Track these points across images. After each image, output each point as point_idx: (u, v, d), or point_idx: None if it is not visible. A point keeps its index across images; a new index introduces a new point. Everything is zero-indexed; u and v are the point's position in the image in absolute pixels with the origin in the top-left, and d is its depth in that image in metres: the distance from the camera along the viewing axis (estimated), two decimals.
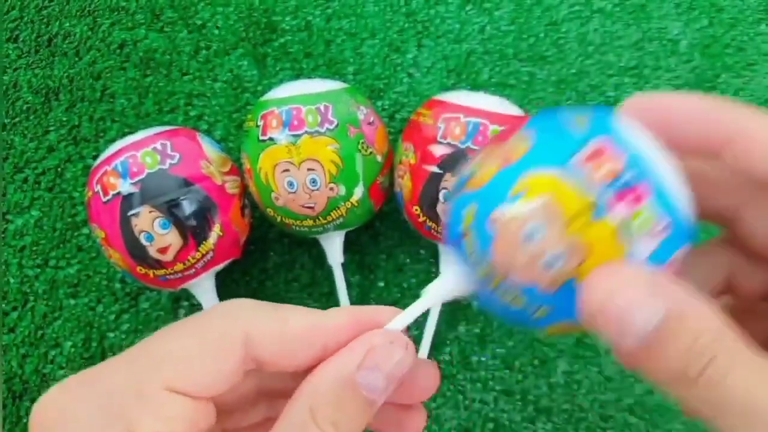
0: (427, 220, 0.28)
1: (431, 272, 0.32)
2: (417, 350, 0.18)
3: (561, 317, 0.14)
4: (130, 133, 0.28)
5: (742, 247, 0.16)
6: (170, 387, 0.14)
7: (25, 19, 0.36)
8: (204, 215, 0.26)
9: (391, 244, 0.33)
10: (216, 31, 0.35)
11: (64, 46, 0.35)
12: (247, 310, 0.16)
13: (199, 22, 0.36)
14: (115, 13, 0.36)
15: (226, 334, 0.15)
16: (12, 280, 0.33)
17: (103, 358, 0.32)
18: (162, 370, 0.14)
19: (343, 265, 0.30)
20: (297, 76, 0.35)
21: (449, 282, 0.16)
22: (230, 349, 0.15)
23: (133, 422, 0.13)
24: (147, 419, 0.13)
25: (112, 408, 0.14)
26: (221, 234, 0.27)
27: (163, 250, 0.26)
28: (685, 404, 0.12)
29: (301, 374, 0.15)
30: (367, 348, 0.15)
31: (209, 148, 0.28)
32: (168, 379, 0.14)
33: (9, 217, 0.33)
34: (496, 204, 0.14)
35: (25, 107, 0.35)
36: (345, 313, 0.16)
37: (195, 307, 0.31)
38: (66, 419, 0.14)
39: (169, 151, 0.26)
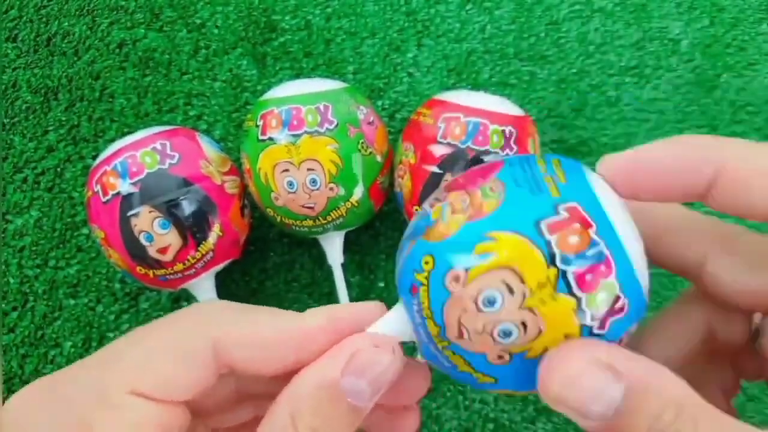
0: None
1: None
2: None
3: (508, 387, 0.14)
4: (130, 132, 0.28)
5: (713, 299, 0.16)
6: (135, 391, 0.13)
7: (24, 18, 0.36)
8: (203, 215, 0.26)
9: (391, 244, 0.33)
10: (215, 31, 0.35)
11: (63, 45, 0.35)
12: (216, 314, 0.15)
13: (198, 22, 0.35)
14: (114, 12, 0.36)
15: (194, 339, 0.14)
16: (12, 281, 0.33)
17: None
18: (126, 373, 0.14)
19: (343, 265, 0.30)
20: (297, 76, 0.35)
21: (395, 322, 0.15)
22: (198, 354, 0.14)
23: (95, 428, 0.13)
24: (110, 425, 0.13)
25: (73, 414, 0.13)
26: (221, 234, 0.27)
27: (162, 251, 0.26)
28: None
29: (283, 378, 0.15)
30: (351, 352, 0.14)
31: (209, 148, 0.28)
32: (132, 382, 0.13)
33: (8, 217, 0.33)
34: (458, 261, 0.13)
35: (24, 107, 0.35)
36: (322, 315, 0.15)
37: None
38: (25, 428, 0.13)
39: (168, 151, 0.26)
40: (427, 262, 0.13)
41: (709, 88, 0.34)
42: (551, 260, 0.12)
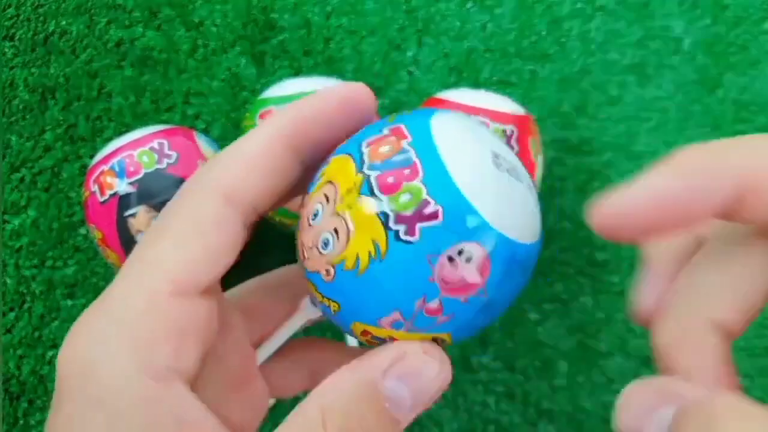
0: None
1: None
2: None
3: (348, 316, 0.14)
4: (127, 132, 0.28)
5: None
6: (177, 291, 0.12)
7: (22, 17, 0.35)
8: None
9: None
10: (214, 29, 0.35)
11: (61, 44, 0.35)
12: (212, 168, 0.14)
13: (196, 20, 0.35)
14: (112, 11, 0.35)
15: (206, 210, 0.13)
16: (9, 281, 0.32)
17: None
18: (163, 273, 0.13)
19: None
20: (296, 74, 0.35)
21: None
22: (219, 223, 0.13)
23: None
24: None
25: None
26: None
27: None
28: None
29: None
30: (398, 354, 0.13)
31: (207, 148, 0.28)
32: (172, 280, 0.12)
33: (6, 217, 0.33)
34: (309, 190, 0.14)
35: (21, 106, 0.34)
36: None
37: None
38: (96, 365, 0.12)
39: (166, 151, 0.26)
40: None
41: (712, 87, 0.34)
42: (360, 168, 0.13)
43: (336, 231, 0.13)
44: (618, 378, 0.30)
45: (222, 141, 0.34)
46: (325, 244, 0.13)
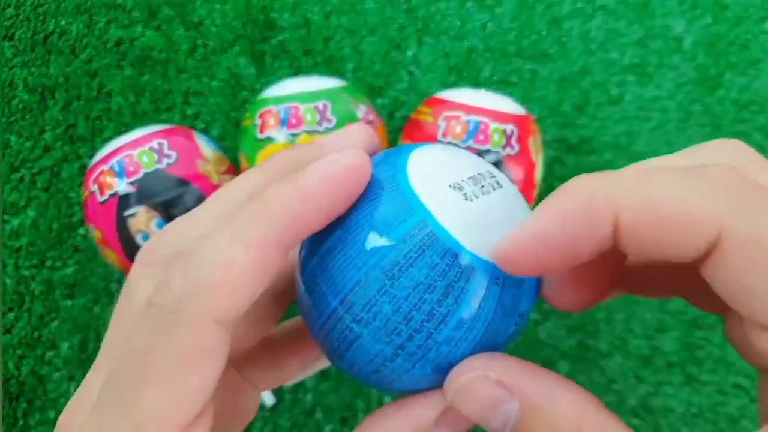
0: None
1: None
2: None
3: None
4: (127, 132, 0.28)
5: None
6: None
7: (21, 16, 0.35)
8: None
9: None
10: (213, 29, 0.35)
11: (60, 44, 0.35)
12: (200, 293, 0.12)
13: (196, 20, 0.35)
14: (112, 10, 0.35)
15: (198, 335, 0.12)
16: (8, 281, 0.32)
17: None
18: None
19: None
20: (295, 74, 0.35)
21: None
22: (208, 348, 0.12)
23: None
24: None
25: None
26: None
27: None
28: None
29: None
30: (447, 403, 0.12)
31: (206, 147, 0.27)
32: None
33: (5, 217, 0.33)
34: None
35: (20, 106, 0.34)
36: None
37: None
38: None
39: (165, 151, 0.26)
40: None
41: (712, 86, 0.34)
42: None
43: None
44: (618, 378, 0.30)
45: (221, 141, 0.34)
46: None
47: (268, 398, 0.30)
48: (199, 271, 0.11)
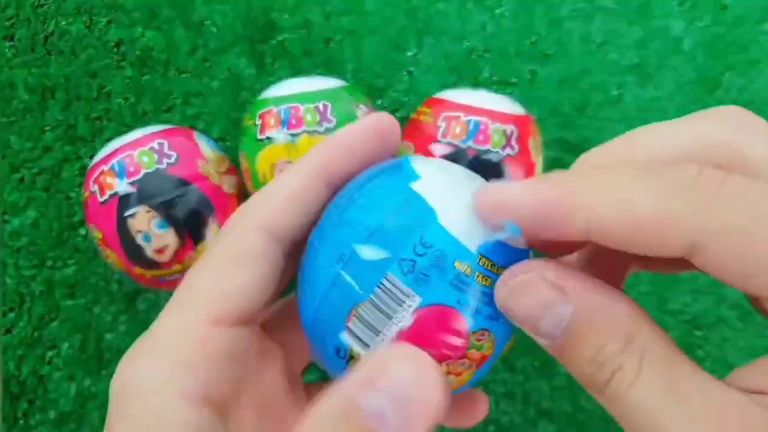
0: None
1: None
2: None
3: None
4: (127, 132, 0.28)
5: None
6: (214, 320, 0.13)
7: (21, 17, 0.35)
8: (201, 215, 0.26)
9: None
10: (213, 29, 0.35)
11: (61, 44, 0.35)
12: (251, 207, 0.15)
13: (196, 20, 0.35)
14: (112, 10, 0.35)
15: (248, 241, 0.14)
16: (9, 281, 0.32)
17: (100, 359, 0.32)
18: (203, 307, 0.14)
19: None
20: (296, 74, 0.35)
21: None
22: (253, 252, 0.14)
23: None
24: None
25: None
26: None
27: (160, 251, 0.26)
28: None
29: None
30: (377, 364, 0.11)
31: (206, 148, 0.28)
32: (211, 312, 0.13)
33: (5, 217, 0.33)
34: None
35: (20, 106, 0.34)
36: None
37: None
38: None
39: (166, 151, 0.26)
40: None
41: (712, 86, 0.34)
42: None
43: None
44: None
45: (222, 141, 0.34)
46: None
47: None
48: (257, 193, 0.15)
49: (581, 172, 0.12)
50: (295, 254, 0.15)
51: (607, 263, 0.15)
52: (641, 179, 0.11)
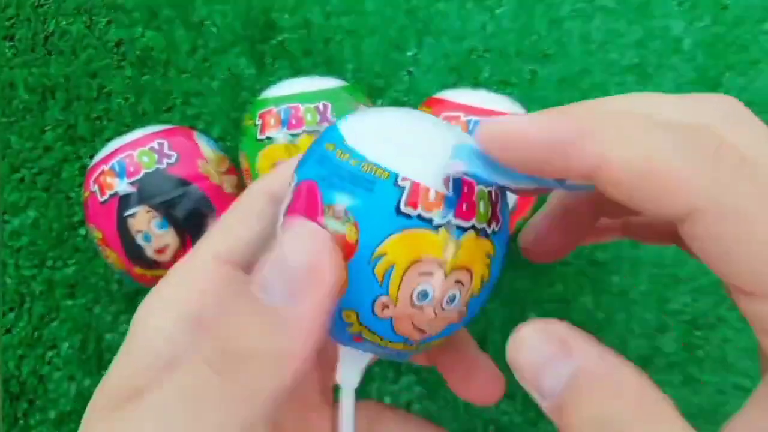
0: None
1: None
2: None
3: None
4: (127, 132, 0.28)
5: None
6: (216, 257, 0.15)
7: (21, 17, 0.35)
8: (201, 215, 0.26)
9: None
10: (213, 29, 0.35)
11: (61, 44, 0.35)
12: (262, 178, 0.17)
13: (196, 20, 0.35)
14: (112, 11, 0.35)
15: (252, 201, 0.16)
16: (9, 281, 0.32)
17: (100, 359, 0.32)
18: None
19: None
20: (296, 74, 0.35)
21: (351, 368, 0.15)
22: (259, 210, 0.16)
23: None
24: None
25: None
26: None
27: (160, 251, 0.26)
28: None
29: None
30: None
31: (206, 147, 0.28)
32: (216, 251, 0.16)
33: (6, 217, 0.33)
34: (373, 297, 0.13)
35: (21, 106, 0.34)
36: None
37: None
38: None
39: (166, 151, 0.26)
40: (349, 315, 0.13)
41: (712, 87, 0.34)
42: (435, 228, 0.13)
43: (460, 281, 0.13)
44: None
45: (222, 141, 0.34)
46: (451, 299, 0.13)
47: None
48: (272, 170, 0.17)
49: (597, 113, 0.11)
50: None
51: (576, 219, 0.16)
52: (662, 132, 0.11)
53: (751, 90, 0.34)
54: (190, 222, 0.26)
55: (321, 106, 0.26)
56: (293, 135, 0.26)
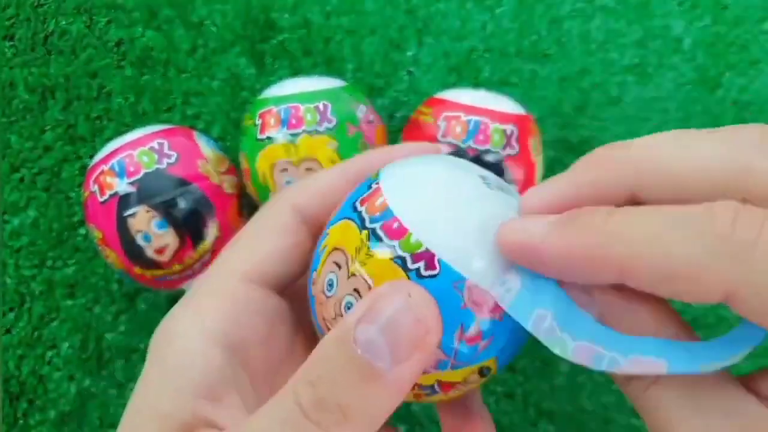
0: None
1: None
2: None
3: None
4: (127, 132, 0.28)
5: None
6: (245, 277, 0.15)
7: (21, 16, 0.35)
8: (201, 215, 0.26)
9: None
10: (213, 29, 0.35)
11: (61, 44, 0.35)
12: (289, 189, 0.17)
13: (196, 20, 0.35)
14: (112, 10, 0.35)
15: (280, 215, 0.16)
16: (9, 281, 0.32)
17: (100, 359, 0.32)
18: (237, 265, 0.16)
19: None
20: (295, 74, 0.35)
21: None
22: (288, 225, 0.16)
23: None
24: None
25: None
26: (219, 234, 0.27)
27: (160, 251, 0.26)
28: None
29: None
30: (372, 300, 0.12)
31: (206, 147, 0.28)
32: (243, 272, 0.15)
33: (5, 217, 0.33)
34: (314, 268, 0.14)
35: (21, 106, 0.34)
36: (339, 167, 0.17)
37: None
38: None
39: (166, 151, 0.26)
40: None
41: (712, 86, 0.34)
42: (362, 225, 0.13)
43: (357, 290, 0.13)
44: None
45: (222, 141, 0.34)
46: (349, 307, 0.13)
47: None
48: (300, 181, 0.17)
49: (610, 217, 0.12)
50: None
51: None
52: (677, 228, 0.11)
53: (751, 90, 0.34)
54: (190, 222, 0.26)
55: (321, 106, 0.26)
56: (293, 135, 0.26)
